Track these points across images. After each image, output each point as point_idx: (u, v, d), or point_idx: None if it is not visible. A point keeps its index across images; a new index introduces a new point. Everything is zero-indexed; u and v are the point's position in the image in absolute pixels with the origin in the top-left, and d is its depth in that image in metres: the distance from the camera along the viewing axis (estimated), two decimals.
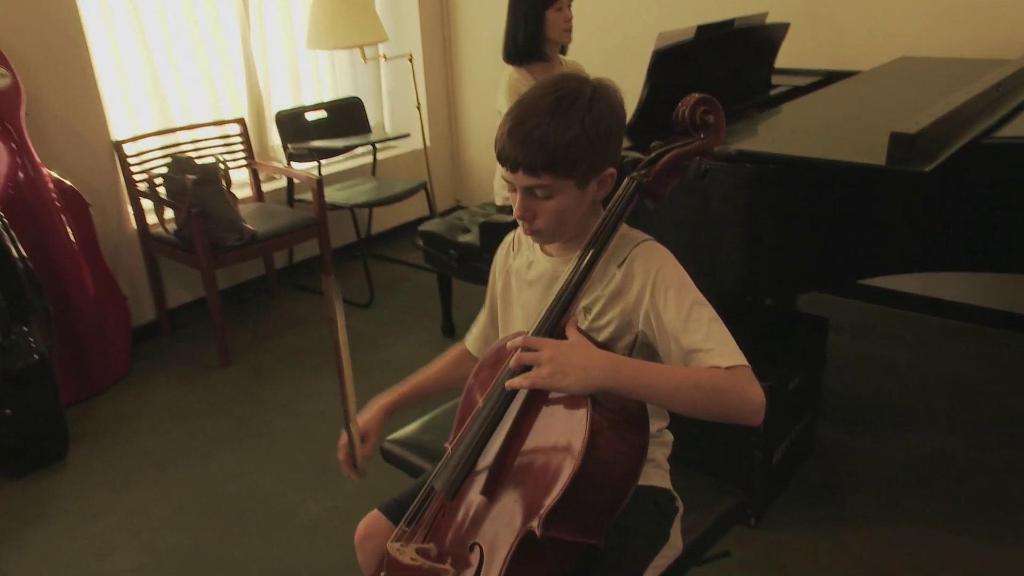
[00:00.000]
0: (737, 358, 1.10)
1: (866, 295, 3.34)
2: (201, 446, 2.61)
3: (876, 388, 2.77)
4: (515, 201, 1.19)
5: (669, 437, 1.41)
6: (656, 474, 1.36)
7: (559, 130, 1.10)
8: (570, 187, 1.15)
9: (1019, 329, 3.06)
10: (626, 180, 1.22)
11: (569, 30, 2.71)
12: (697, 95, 1.23)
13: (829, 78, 2.81)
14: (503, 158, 1.15)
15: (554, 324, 1.15)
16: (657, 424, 1.30)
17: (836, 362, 2.45)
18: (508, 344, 1.17)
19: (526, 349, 1.13)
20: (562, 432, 1.09)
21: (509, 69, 2.78)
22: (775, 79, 2.86)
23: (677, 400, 1.09)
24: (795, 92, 2.69)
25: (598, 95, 1.13)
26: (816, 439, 2.42)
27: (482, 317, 1.48)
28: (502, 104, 2.73)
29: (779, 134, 2.11)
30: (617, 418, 1.09)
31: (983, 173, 1.88)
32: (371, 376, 2.99)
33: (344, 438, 1.36)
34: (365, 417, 1.40)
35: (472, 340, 1.50)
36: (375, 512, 1.42)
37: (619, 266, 1.20)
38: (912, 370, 2.87)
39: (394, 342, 3.26)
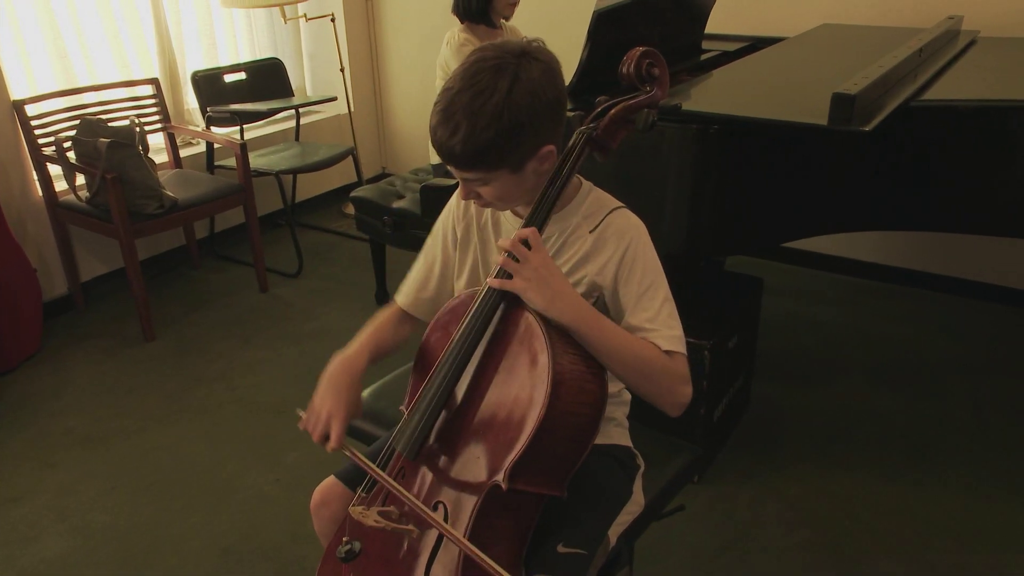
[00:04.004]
0: (676, 344, 1.15)
1: (788, 257, 3.46)
2: (130, 423, 2.49)
3: (804, 345, 2.88)
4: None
5: (628, 396, 1.42)
6: (617, 432, 1.38)
7: (477, 131, 1.07)
8: (504, 174, 1.14)
9: (926, 287, 3.23)
10: (575, 133, 1.23)
11: (514, 5, 2.88)
12: (641, 48, 1.24)
13: (756, 44, 2.86)
14: (436, 149, 1.13)
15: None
16: (617, 384, 1.31)
17: (765, 321, 2.53)
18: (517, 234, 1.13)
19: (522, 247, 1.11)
20: (523, 385, 1.09)
21: (455, 28, 2.84)
22: (704, 44, 2.89)
23: (618, 361, 1.12)
24: (724, 57, 2.73)
25: (518, 82, 1.07)
26: (751, 396, 2.50)
27: (417, 272, 1.39)
28: (451, 64, 2.77)
29: (720, 96, 2.14)
30: (577, 370, 1.10)
31: (910, 134, 1.96)
32: (303, 345, 2.92)
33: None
34: (349, 399, 1.22)
35: (405, 296, 1.39)
36: (331, 479, 1.39)
37: (591, 231, 1.21)
38: (836, 327, 2.99)
39: (326, 312, 3.18)
